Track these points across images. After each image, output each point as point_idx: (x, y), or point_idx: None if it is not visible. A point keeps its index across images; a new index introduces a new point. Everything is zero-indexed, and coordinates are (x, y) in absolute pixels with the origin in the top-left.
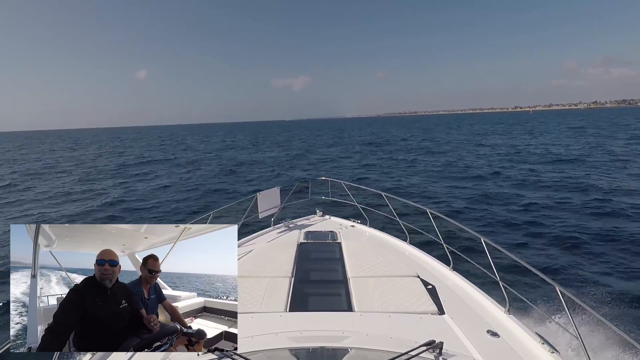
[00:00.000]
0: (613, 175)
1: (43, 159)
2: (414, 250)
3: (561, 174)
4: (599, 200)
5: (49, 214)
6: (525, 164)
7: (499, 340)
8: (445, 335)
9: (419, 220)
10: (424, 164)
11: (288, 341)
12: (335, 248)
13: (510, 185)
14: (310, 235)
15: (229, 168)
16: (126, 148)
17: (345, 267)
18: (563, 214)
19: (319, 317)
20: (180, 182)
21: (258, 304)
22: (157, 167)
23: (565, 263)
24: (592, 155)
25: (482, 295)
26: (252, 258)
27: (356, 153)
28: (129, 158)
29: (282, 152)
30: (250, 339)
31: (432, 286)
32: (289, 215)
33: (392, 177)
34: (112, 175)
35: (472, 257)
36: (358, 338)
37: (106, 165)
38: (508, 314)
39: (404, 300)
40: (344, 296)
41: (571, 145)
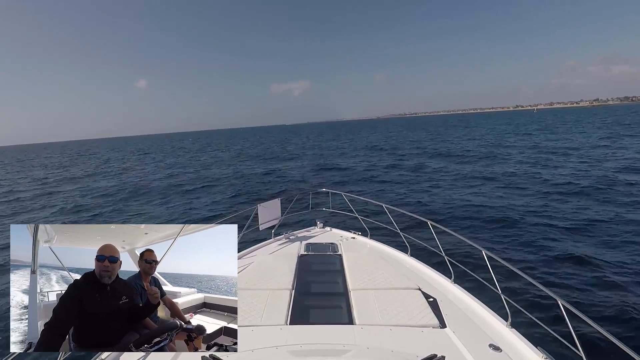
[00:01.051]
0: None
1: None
2: (415, 263)
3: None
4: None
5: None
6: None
7: (501, 355)
8: (447, 349)
9: (420, 232)
10: (494, 175)
11: (289, 355)
12: (336, 260)
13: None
14: (311, 247)
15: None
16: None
17: (346, 279)
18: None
19: (319, 330)
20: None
21: (258, 317)
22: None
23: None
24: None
25: (483, 308)
26: (253, 270)
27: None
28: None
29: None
30: (251, 352)
31: (434, 299)
32: (290, 226)
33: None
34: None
35: (474, 270)
36: (359, 351)
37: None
38: (510, 328)
39: (405, 313)
40: (344, 309)
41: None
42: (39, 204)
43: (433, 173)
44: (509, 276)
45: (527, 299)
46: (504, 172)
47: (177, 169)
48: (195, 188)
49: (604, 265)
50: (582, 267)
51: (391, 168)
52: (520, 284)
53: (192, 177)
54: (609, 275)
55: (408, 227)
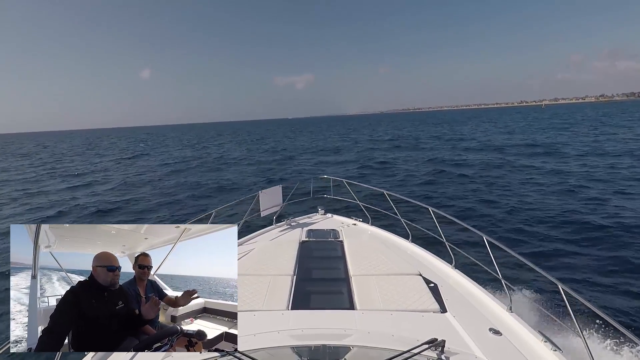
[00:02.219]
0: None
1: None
2: (415, 249)
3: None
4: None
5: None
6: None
7: (501, 339)
8: (447, 334)
9: (421, 218)
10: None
11: (290, 339)
12: (337, 246)
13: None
14: (312, 233)
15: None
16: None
17: (347, 265)
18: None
19: (320, 315)
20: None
21: (260, 302)
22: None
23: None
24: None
25: (484, 293)
26: (254, 256)
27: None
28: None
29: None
30: (253, 336)
31: (434, 284)
32: (291, 213)
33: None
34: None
35: (474, 255)
36: (360, 336)
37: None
38: (510, 312)
39: (406, 299)
40: (345, 294)
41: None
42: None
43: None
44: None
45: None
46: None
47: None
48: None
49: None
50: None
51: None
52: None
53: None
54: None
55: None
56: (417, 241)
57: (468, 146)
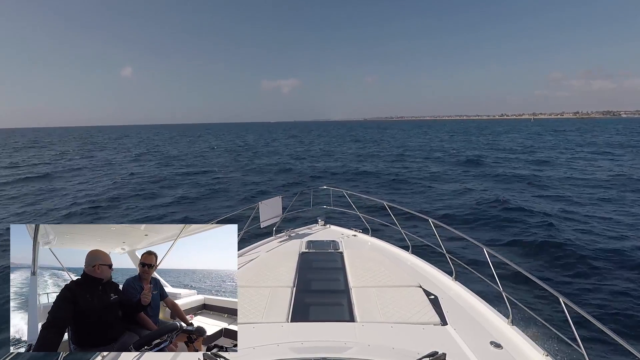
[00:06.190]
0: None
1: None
2: (416, 260)
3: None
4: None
5: None
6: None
7: (502, 352)
8: (448, 347)
9: (421, 229)
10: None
11: (290, 352)
12: (337, 257)
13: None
14: (312, 244)
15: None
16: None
17: (347, 276)
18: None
19: (320, 327)
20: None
21: (259, 314)
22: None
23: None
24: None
25: (485, 305)
26: (254, 267)
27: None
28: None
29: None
30: (252, 349)
31: (435, 296)
32: (291, 224)
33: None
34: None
35: (475, 267)
36: (360, 349)
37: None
38: (511, 325)
39: (406, 311)
40: (345, 306)
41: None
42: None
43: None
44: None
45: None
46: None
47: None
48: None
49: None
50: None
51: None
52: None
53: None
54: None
55: (409, 225)
56: (417, 252)
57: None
